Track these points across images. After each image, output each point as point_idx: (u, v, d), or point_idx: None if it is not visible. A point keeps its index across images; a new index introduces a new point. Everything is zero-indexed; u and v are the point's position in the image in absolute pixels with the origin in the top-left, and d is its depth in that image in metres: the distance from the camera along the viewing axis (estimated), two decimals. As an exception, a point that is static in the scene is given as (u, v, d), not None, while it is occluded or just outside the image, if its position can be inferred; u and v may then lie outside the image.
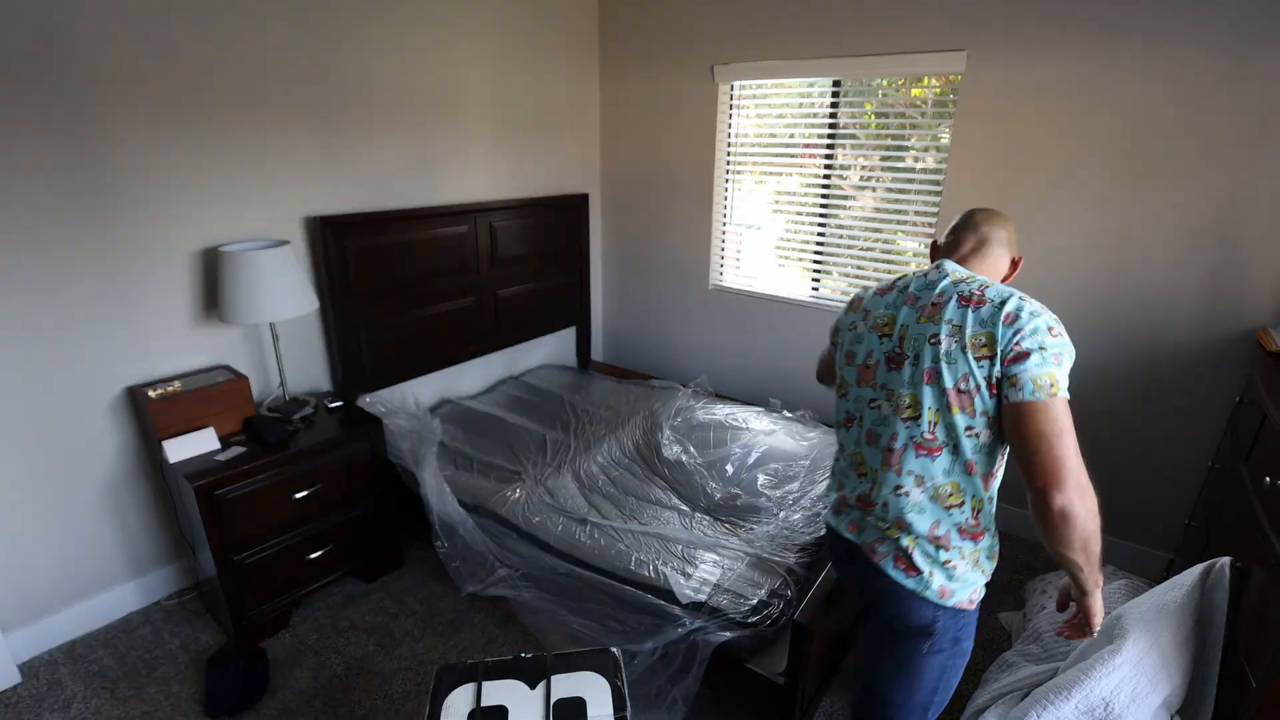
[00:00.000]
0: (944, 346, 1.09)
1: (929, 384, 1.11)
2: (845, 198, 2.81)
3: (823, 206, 2.86)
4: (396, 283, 2.58)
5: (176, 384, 2.05)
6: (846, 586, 1.42)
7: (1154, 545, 2.40)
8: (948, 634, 1.21)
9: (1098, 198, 2.20)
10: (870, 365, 1.21)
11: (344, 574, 2.28)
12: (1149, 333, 2.23)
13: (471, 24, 2.67)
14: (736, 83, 2.91)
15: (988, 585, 1.24)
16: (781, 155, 2.94)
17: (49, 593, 2.04)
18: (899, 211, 2.69)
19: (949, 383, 1.09)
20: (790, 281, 3.08)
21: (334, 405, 2.32)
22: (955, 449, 1.11)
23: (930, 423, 1.11)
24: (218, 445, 2.03)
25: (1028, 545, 2.60)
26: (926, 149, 2.57)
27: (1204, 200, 2.04)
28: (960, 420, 1.09)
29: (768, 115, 2.96)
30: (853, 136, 2.73)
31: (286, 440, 2.09)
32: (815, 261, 2.96)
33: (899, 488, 1.15)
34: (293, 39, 2.17)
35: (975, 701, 1.69)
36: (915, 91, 2.59)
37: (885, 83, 2.60)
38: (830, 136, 2.76)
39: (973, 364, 1.07)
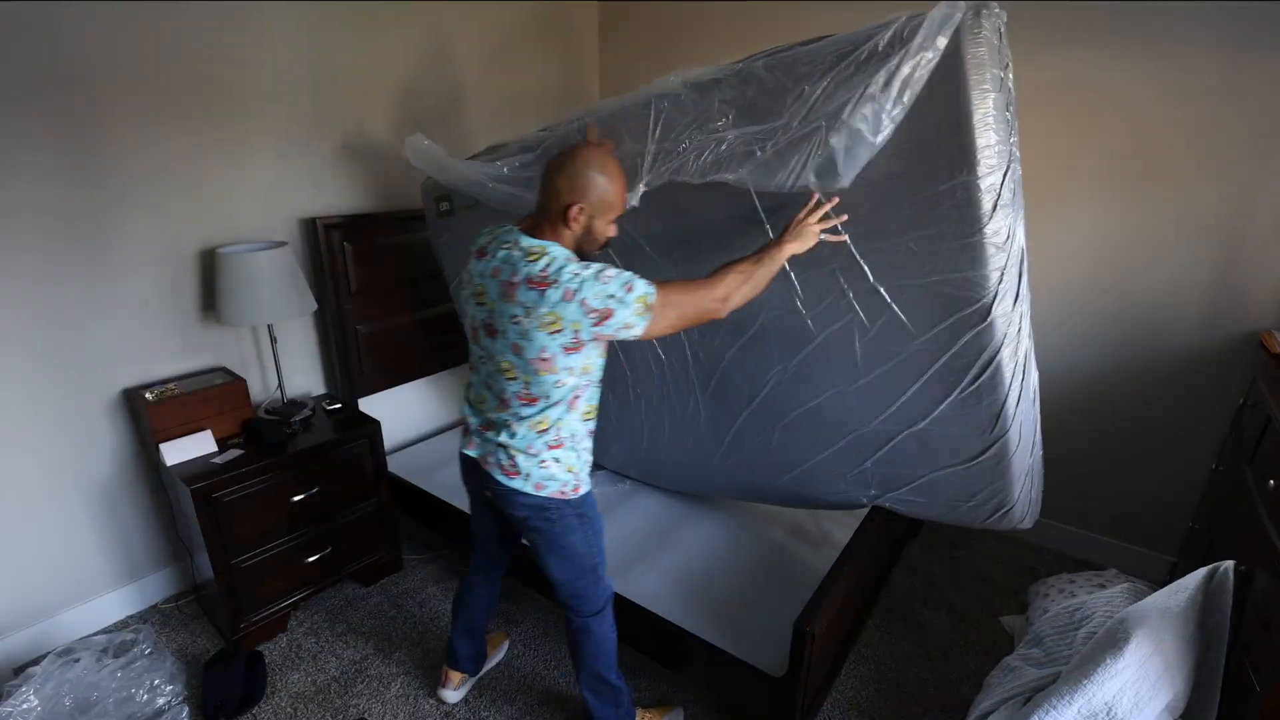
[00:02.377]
0: (522, 325, 1.30)
1: (516, 355, 1.34)
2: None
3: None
4: (396, 284, 2.58)
5: (173, 386, 2.06)
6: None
7: (1156, 548, 2.40)
8: (560, 514, 1.47)
9: (1100, 199, 2.20)
10: (474, 328, 1.43)
11: (342, 577, 2.28)
12: (1151, 334, 2.23)
13: (470, 23, 2.67)
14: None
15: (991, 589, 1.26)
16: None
17: (45, 597, 2.04)
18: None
19: (532, 354, 1.31)
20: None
21: (332, 408, 2.33)
22: (547, 398, 1.37)
23: (524, 383, 1.37)
24: (215, 448, 2.04)
25: (1029, 548, 2.60)
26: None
27: (1208, 201, 2.04)
28: (547, 379, 1.34)
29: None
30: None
31: (284, 443, 2.09)
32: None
33: (507, 423, 1.42)
34: (289, 38, 2.17)
35: (978, 706, 1.70)
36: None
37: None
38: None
39: (547, 339, 1.29)
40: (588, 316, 1.26)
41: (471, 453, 1.54)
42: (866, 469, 1.81)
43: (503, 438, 1.44)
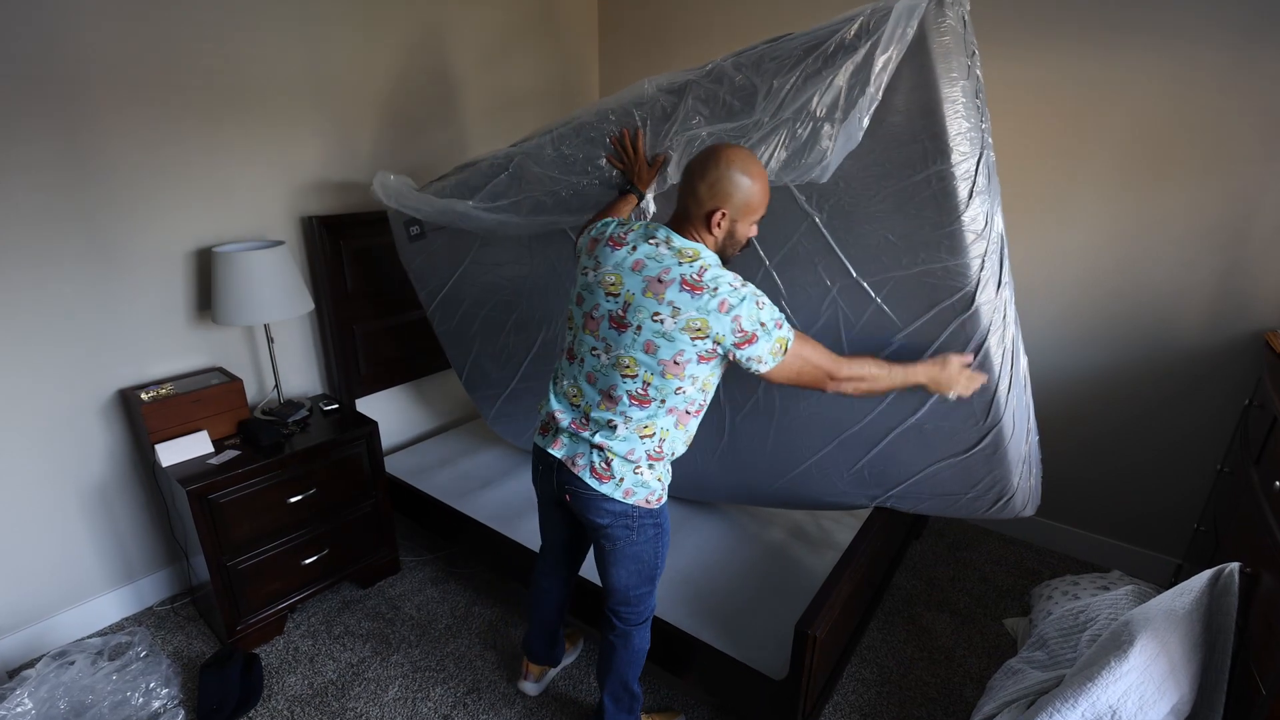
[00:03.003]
0: (665, 326, 1.28)
1: (647, 354, 1.30)
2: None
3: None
4: (393, 284, 2.57)
5: (169, 386, 2.05)
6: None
7: (1161, 550, 2.40)
8: (640, 524, 1.44)
9: (1104, 197, 2.20)
10: (595, 318, 1.36)
11: (339, 579, 2.28)
12: (1156, 334, 2.23)
13: (469, 19, 2.67)
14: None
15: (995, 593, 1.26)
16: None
17: (39, 599, 2.04)
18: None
19: (666, 355, 1.29)
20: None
21: (329, 408, 2.32)
22: (663, 402, 1.35)
23: (644, 382, 1.33)
24: (211, 449, 2.03)
25: (1033, 549, 2.60)
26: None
27: (1213, 200, 2.04)
28: (671, 383, 1.32)
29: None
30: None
31: (281, 444, 2.09)
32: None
33: (610, 422, 1.37)
34: (287, 34, 2.17)
35: (981, 710, 1.69)
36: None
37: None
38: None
39: (687, 343, 1.28)
40: (735, 334, 1.27)
41: (558, 453, 1.45)
42: (863, 467, 1.81)
43: (600, 438, 1.38)
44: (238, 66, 2.08)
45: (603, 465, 1.39)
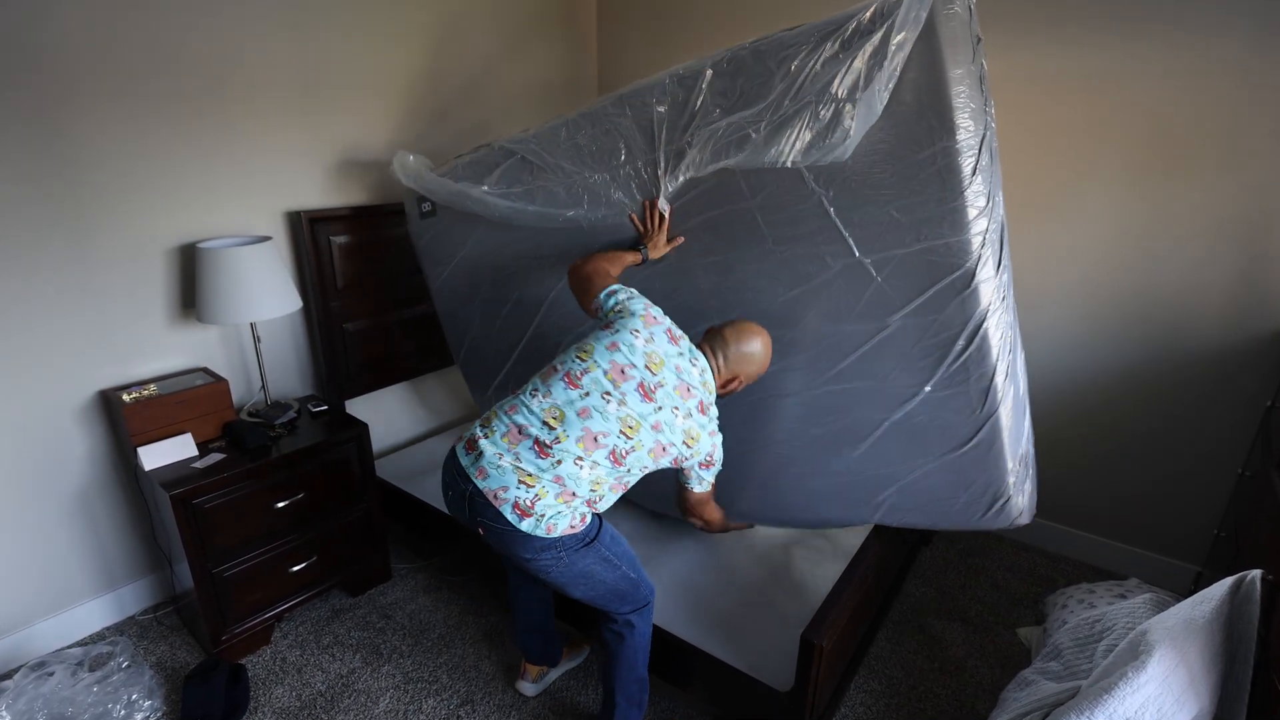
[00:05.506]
0: (676, 422, 1.50)
1: (654, 431, 1.48)
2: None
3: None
4: (384, 281, 2.57)
5: (152, 387, 2.05)
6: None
7: (1181, 557, 2.40)
8: (569, 550, 1.49)
9: (1118, 193, 2.20)
10: (625, 373, 1.48)
11: (329, 587, 2.28)
12: (1173, 333, 2.23)
13: (466, 10, 2.67)
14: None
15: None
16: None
17: (17, 608, 2.04)
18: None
19: (662, 440, 1.49)
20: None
21: (318, 410, 2.32)
22: (628, 471, 1.50)
23: (633, 449, 1.47)
24: (195, 452, 2.03)
25: (1047, 556, 2.60)
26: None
27: (1230, 195, 2.04)
28: (646, 460, 1.49)
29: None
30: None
31: (268, 446, 2.09)
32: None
33: (579, 459, 1.44)
34: (273, 22, 2.17)
35: (993, 721, 1.69)
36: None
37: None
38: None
39: (679, 442, 1.51)
40: (707, 456, 1.56)
41: (481, 483, 1.44)
42: (848, 470, 1.81)
43: (546, 470, 1.43)
44: (223, 55, 2.08)
45: (527, 500, 1.42)
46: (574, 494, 1.45)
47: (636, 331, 1.53)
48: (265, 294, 2.06)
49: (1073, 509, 2.55)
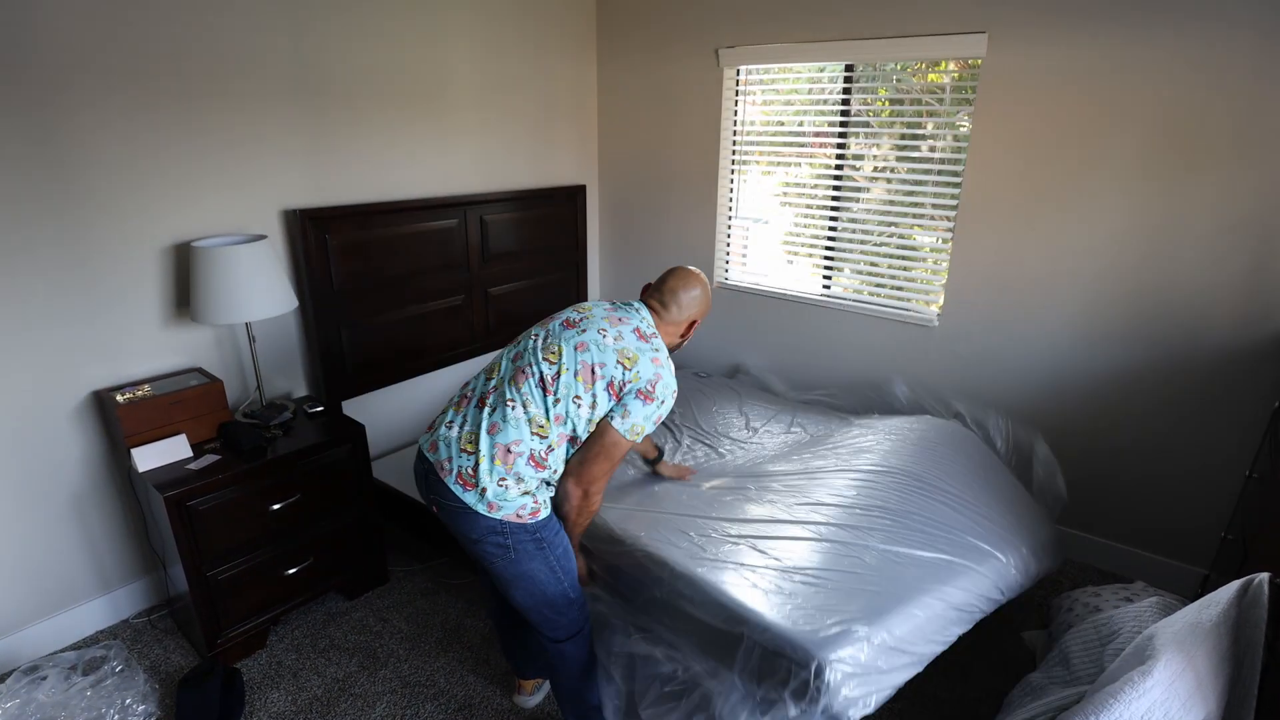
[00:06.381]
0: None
1: (578, 351, 1.54)
2: (858, 189, 2.80)
3: (834, 199, 2.86)
4: (381, 280, 2.57)
5: (146, 388, 2.05)
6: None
7: (1187, 560, 2.40)
8: (516, 539, 1.51)
9: (1127, 190, 2.19)
10: (554, 320, 1.62)
11: (325, 590, 2.27)
12: (1182, 333, 2.22)
13: (461, 5, 2.67)
14: (743, 67, 2.90)
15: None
16: (790, 144, 2.93)
17: (10, 611, 2.03)
18: (915, 204, 2.69)
19: (591, 359, 1.53)
20: (800, 278, 3.08)
21: (314, 410, 2.32)
22: (561, 403, 1.52)
23: (558, 371, 1.52)
24: (190, 453, 2.03)
25: (1053, 559, 2.59)
26: (944, 138, 2.57)
27: (1241, 192, 2.03)
28: (582, 390, 1.52)
29: (775, 102, 2.96)
30: (865, 125, 2.73)
31: (263, 448, 2.08)
32: (826, 257, 2.96)
33: (510, 400, 1.50)
34: (270, 20, 2.17)
35: (997, 727, 1.69)
36: (932, 76, 2.59)
37: (900, 67, 2.60)
38: (842, 124, 2.75)
39: (614, 367, 1.53)
40: (643, 383, 1.56)
41: (432, 456, 1.55)
42: None
43: (483, 423, 1.49)
44: (219, 53, 2.08)
45: (469, 471, 1.48)
46: (510, 451, 1.47)
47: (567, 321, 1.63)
48: (260, 293, 2.06)
49: (1078, 511, 2.54)
